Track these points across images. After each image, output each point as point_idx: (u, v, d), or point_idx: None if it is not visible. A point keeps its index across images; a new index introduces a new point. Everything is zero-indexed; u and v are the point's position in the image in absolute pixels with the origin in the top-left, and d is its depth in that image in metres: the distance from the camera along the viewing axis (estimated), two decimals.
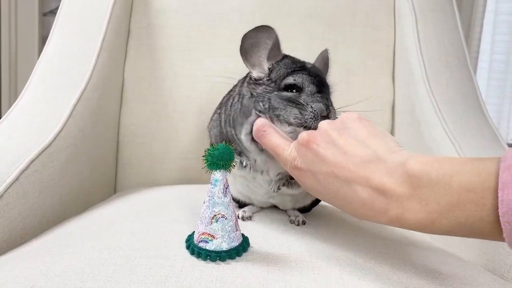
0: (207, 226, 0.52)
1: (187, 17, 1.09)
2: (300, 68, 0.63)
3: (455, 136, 0.84)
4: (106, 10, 1.00)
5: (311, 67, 0.64)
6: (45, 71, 0.90)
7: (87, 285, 0.46)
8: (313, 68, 0.64)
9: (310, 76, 0.61)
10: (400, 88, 1.06)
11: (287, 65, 0.63)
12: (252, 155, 0.65)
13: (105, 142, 0.99)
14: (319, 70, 0.66)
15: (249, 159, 0.65)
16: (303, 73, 0.61)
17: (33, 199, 0.68)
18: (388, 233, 0.69)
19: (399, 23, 1.10)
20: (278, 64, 0.64)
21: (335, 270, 0.51)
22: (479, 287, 0.52)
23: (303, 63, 0.65)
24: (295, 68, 0.62)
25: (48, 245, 0.58)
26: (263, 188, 0.66)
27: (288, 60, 0.65)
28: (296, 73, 0.61)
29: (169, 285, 0.46)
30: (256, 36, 0.64)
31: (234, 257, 0.52)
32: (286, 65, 0.63)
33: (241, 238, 0.55)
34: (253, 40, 0.64)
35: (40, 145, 0.73)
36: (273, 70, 0.64)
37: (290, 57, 0.66)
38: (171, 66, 1.07)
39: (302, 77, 0.60)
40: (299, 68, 0.62)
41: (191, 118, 1.06)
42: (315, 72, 0.62)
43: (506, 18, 2.50)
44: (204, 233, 0.52)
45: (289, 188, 0.64)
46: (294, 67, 0.63)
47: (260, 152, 0.63)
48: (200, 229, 0.53)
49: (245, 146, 0.64)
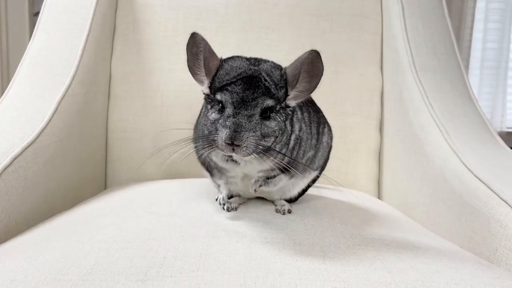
0: None
1: (173, 11, 1.09)
2: (230, 81, 0.58)
3: (442, 122, 0.84)
4: (90, 6, 1.00)
5: (243, 77, 0.58)
6: (30, 68, 0.90)
7: (67, 277, 0.46)
8: (242, 80, 0.58)
9: (231, 94, 0.57)
10: (388, 76, 1.06)
11: (221, 78, 0.59)
12: (230, 172, 0.65)
13: (93, 138, 0.98)
14: (254, 78, 0.58)
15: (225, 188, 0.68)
16: (228, 89, 0.57)
17: (17, 195, 0.67)
18: (376, 220, 0.69)
19: (386, 11, 1.10)
20: (214, 79, 0.60)
21: (317, 256, 0.51)
22: (464, 269, 0.51)
23: (238, 72, 0.59)
24: (227, 81, 0.58)
25: (32, 240, 0.58)
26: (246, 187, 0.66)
27: (222, 72, 0.59)
28: (223, 89, 0.58)
29: (150, 275, 0.46)
30: (190, 50, 0.61)
31: None
32: (219, 78, 0.59)
33: None
34: (189, 54, 0.61)
35: (24, 141, 0.72)
36: (211, 85, 0.60)
37: (227, 63, 0.60)
38: (159, 61, 1.07)
39: (225, 95, 0.57)
40: (228, 82, 0.58)
41: (180, 112, 1.05)
42: (241, 87, 0.57)
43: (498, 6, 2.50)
44: None
45: (267, 187, 0.65)
46: (226, 79, 0.58)
47: (236, 165, 0.62)
48: None
49: (220, 166, 0.65)
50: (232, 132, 0.55)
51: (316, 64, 0.58)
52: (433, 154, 0.81)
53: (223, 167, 0.65)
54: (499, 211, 0.62)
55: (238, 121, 0.56)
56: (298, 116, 0.64)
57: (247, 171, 0.64)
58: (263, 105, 0.57)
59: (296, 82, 0.59)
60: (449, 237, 0.72)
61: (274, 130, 0.58)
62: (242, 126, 0.55)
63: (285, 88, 0.60)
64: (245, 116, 0.56)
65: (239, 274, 0.47)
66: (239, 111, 0.56)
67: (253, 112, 0.56)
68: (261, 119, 0.57)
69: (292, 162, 0.62)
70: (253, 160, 0.60)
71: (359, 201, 0.83)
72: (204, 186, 0.82)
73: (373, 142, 1.06)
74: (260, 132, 0.56)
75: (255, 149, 0.56)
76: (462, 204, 0.70)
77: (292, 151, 0.63)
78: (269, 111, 0.58)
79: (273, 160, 0.59)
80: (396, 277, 0.48)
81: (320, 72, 0.59)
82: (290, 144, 0.62)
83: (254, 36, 1.08)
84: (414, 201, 0.86)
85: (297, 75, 0.59)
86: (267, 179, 0.64)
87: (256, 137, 0.56)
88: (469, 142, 0.80)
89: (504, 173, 0.70)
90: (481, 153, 0.77)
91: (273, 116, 0.58)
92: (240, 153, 0.56)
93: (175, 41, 1.07)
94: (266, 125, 0.57)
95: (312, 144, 0.67)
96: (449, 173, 0.74)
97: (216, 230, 0.58)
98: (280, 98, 0.59)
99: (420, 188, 0.84)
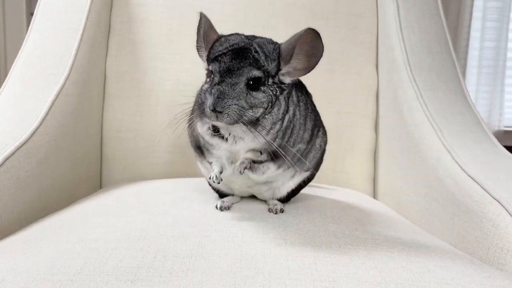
0: None
1: (168, 10, 1.08)
2: (221, 52, 0.60)
3: (436, 121, 0.84)
4: (84, 5, 0.99)
5: (234, 48, 0.60)
6: (24, 68, 0.89)
7: (57, 278, 0.46)
8: (233, 51, 0.59)
9: (219, 63, 0.58)
10: (383, 75, 1.06)
11: (215, 49, 0.61)
12: (216, 149, 0.64)
13: (87, 137, 0.98)
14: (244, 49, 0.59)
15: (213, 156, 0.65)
16: (218, 59, 0.59)
17: (9, 195, 0.67)
18: (369, 219, 0.69)
19: (382, 10, 1.10)
20: (210, 51, 0.62)
21: (308, 256, 0.51)
22: (455, 268, 0.51)
23: (230, 44, 0.60)
24: (219, 52, 0.60)
25: (23, 240, 0.58)
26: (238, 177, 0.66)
27: (217, 44, 0.62)
28: (214, 60, 0.60)
29: (140, 275, 0.46)
30: (197, 30, 0.65)
31: None
32: (214, 49, 0.61)
33: None
34: (197, 35, 0.65)
35: (17, 141, 0.72)
36: (208, 58, 0.63)
37: (221, 39, 0.62)
38: (153, 60, 1.07)
39: (215, 65, 0.59)
40: (220, 53, 0.60)
41: (175, 111, 1.05)
42: (230, 57, 0.59)
43: (496, 4, 2.49)
44: None
45: (253, 173, 0.64)
46: (219, 51, 0.60)
47: (223, 142, 0.62)
48: None
49: (207, 140, 0.64)
50: (215, 99, 0.56)
51: (315, 44, 0.59)
52: (427, 153, 0.81)
53: (209, 143, 0.64)
54: (491, 210, 0.62)
55: (222, 89, 0.57)
56: (294, 100, 0.65)
57: (235, 150, 0.63)
58: (248, 75, 0.58)
59: (290, 58, 0.60)
60: (443, 236, 0.72)
61: (262, 102, 0.59)
62: (225, 94, 0.56)
63: (278, 62, 0.60)
64: (228, 84, 0.57)
65: (229, 274, 0.47)
66: (224, 79, 0.57)
67: (237, 81, 0.57)
68: (248, 89, 0.58)
69: (282, 147, 0.62)
70: (244, 137, 0.60)
71: (353, 200, 0.83)
72: (198, 185, 0.82)
73: (368, 141, 1.06)
74: (245, 101, 0.57)
75: (239, 117, 0.56)
76: (455, 203, 0.70)
77: (284, 135, 0.62)
78: (258, 83, 0.59)
79: (264, 137, 0.59)
80: (387, 277, 0.48)
81: (320, 52, 0.59)
82: (284, 123, 0.62)
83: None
84: (409, 200, 0.86)
85: (291, 50, 0.59)
86: (254, 163, 0.63)
87: (240, 105, 0.57)
88: (463, 141, 0.80)
89: (496, 172, 0.70)
90: (475, 152, 0.77)
91: (263, 89, 0.59)
92: (223, 120, 0.56)
93: (170, 40, 1.07)
94: (253, 96, 0.58)
95: (305, 138, 0.66)
96: (442, 172, 0.74)
97: (208, 230, 0.57)
98: (270, 71, 0.60)
99: (414, 187, 0.84)
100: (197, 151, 0.70)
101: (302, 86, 0.70)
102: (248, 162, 0.62)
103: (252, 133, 0.59)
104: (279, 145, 0.61)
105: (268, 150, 0.62)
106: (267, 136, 0.60)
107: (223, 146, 0.63)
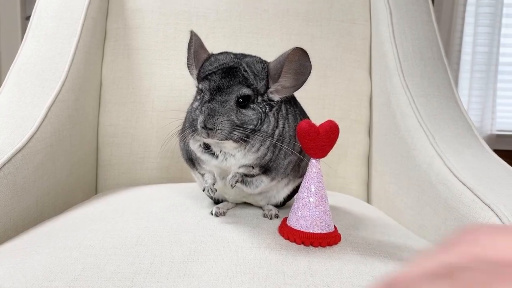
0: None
1: (163, 16, 1.09)
2: (211, 71, 0.61)
3: (428, 127, 0.85)
4: (80, 11, 1.00)
5: (224, 67, 0.61)
6: (20, 74, 0.90)
7: (54, 284, 0.46)
8: (222, 70, 0.60)
9: (209, 82, 0.60)
10: (376, 81, 1.07)
11: (205, 68, 0.62)
12: (207, 165, 0.65)
13: (84, 143, 0.99)
14: (234, 69, 0.60)
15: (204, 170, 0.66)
16: (208, 78, 0.60)
17: (5, 201, 0.68)
18: (362, 224, 0.70)
19: (375, 17, 1.11)
20: (200, 70, 0.63)
21: (303, 261, 0.52)
22: None
23: (220, 63, 0.61)
24: (209, 71, 0.61)
25: (20, 246, 0.58)
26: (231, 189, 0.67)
27: (207, 63, 0.63)
28: (204, 79, 0.61)
29: (137, 281, 0.47)
30: (188, 47, 0.66)
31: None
32: (204, 69, 0.62)
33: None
34: (188, 52, 0.66)
35: (13, 147, 0.72)
36: (198, 76, 0.64)
37: (211, 58, 0.63)
38: (149, 66, 1.07)
39: (205, 83, 0.60)
40: (210, 72, 0.61)
41: (171, 118, 1.06)
42: (219, 75, 0.60)
43: (488, 10, 2.52)
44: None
45: (247, 187, 0.65)
46: (209, 70, 0.61)
47: (213, 158, 0.63)
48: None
49: (198, 156, 0.65)
50: (205, 116, 0.57)
51: (303, 63, 0.60)
52: (419, 158, 0.82)
53: (200, 158, 0.65)
54: (482, 216, 0.63)
55: (212, 106, 0.58)
56: (283, 114, 0.65)
57: (225, 167, 0.63)
58: (238, 93, 0.59)
59: (279, 76, 0.61)
60: (435, 240, 0.73)
61: (252, 119, 0.60)
62: (216, 111, 0.57)
63: (266, 80, 0.61)
64: (219, 102, 0.58)
65: (225, 279, 0.48)
66: (214, 97, 0.59)
67: (227, 98, 0.59)
68: (238, 107, 0.59)
69: (274, 160, 0.63)
70: (235, 153, 0.61)
71: (347, 205, 0.84)
72: (194, 191, 0.83)
73: (362, 146, 1.07)
74: (235, 118, 0.58)
75: (229, 134, 0.57)
76: (447, 208, 0.71)
77: (274, 148, 0.63)
78: (247, 100, 0.60)
79: (255, 153, 0.60)
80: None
81: (307, 70, 0.61)
82: (274, 138, 0.62)
83: (244, 41, 1.09)
84: (402, 205, 0.87)
85: (279, 68, 0.61)
86: (246, 177, 0.64)
87: (230, 122, 0.58)
88: (455, 146, 0.82)
89: (487, 178, 0.71)
90: (466, 157, 0.78)
91: (252, 106, 0.60)
92: (214, 137, 0.57)
93: (166, 46, 1.08)
94: (243, 113, 0.59)
95: (296, 148, 0.66)
96: (434, 177, 0.76)
97: (204, 236, 0.58)
98: (259, 90, 0.61)
99: (407, 192, 0.85)
100: (188, 162, 0.71)
101: (291, 97, 0.70)
102: (240, 175, 0.63)
103: (242, 150, 0.60)
104: (270, 159, 0.63)
105: (260, 164, 0.63)
106: (258, 152, 0.61)
107: (213, 162, 0.63)
